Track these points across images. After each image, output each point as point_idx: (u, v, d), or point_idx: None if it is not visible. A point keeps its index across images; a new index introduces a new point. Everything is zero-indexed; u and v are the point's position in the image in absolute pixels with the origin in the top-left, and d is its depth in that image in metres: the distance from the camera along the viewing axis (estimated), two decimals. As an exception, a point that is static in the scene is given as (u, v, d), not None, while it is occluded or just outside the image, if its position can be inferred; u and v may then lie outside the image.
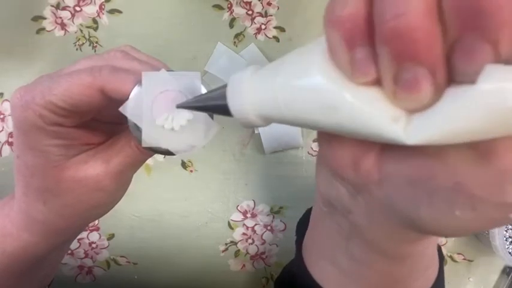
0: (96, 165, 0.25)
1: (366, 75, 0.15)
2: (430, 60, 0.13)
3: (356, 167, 0.19)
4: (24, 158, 0.25)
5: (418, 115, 0.14)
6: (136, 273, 0.54)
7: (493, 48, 0.12)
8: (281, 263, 0.55)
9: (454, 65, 0.13)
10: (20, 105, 0.23)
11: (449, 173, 0.15)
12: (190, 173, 0.54)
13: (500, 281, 0.56)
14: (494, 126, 0.12)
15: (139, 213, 0.53)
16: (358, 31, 0.14)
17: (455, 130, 0.13)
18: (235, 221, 0.54)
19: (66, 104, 0.23)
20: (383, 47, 0.13)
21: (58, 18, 0.51)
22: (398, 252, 0.23)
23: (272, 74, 0.17)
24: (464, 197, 0.14)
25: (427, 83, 0.13)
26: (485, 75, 0.12)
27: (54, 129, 0.24)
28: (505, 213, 0.14)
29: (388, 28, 0.13)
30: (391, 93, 0.14)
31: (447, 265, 0.56)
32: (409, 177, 0.16)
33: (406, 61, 0.13)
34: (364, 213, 0.21)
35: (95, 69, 0.23)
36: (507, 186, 0.14)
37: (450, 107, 0.13)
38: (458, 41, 0.13)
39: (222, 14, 0.53)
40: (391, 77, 0.14)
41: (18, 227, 0.27)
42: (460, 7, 0.12)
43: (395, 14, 0.12)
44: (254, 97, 0.18)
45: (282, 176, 0.54)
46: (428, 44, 0.13)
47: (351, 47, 0.14)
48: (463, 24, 0.12)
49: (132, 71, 0.24)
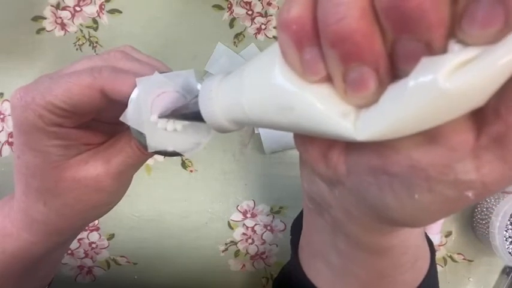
0: (96, 165, 0.25)
1: (316, 73, 0.15)
2: (373, 60, 0.14)
3: (325, 161, 0.19)
4: (25, 158, 0.25)
5: (365, 111, 0.15)
6: (136, 273, 0.54)
7: (426, 47, 0.13)
8: (281, 263, 0.55)
9: (397, 62, 0.14)
10: (20, 105, 0.23)
11: (403, 157, 0.15)
12: (190, 173, 0.54)
13: (500, 281, 0.56)
14: (433, 115, 0.13)
15: (139, 213, 0.53)
16: (305, 32, 0.15)
17: (396, 126, 0.14)
18: (235, 221, 0.54)
19: (66, 104, 0.23)
20: (329, 49, 0.14)
21: (58, 18, 0.51)
22: (376, 245, 0.23)
23: (236, 78, 0.18)
24: (419, 179, 0.15)
25: (373, 81, 0.14)
26: (417, 68, 0.13)
27: (54, 129, 0.24)
28: (460, 192, 0.15)
29: (331, 32, 0.14)
30: (341, 90, 0.15)
31: (447, 265, 0.56)
32: (370, 166, 0.17)
33: (351, 61, 0.14)
34: (340, 206, 0.21)
35: (95, 70, 0.23)
36: (456, 164, 0.14)
37: (389, 103, 0.14)
38: (396, 41, 0.14)
39: (222, 14, 0.53)
40: (340, 76, 0.15)
41: (18, 227, 0.27)
42: (391, 14, 0.13)
43: (336, 18, 0.13)
44: (222, 103, 0.19)
45: (282, 176, 0.54)
46: (369, 45, 0.14)
47: (299, 48, 0.15)
48: (396, 27, 0.13)
49: (132, 72, 0.24)
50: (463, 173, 0.14)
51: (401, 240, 0.24)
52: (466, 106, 0.12)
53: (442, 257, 0.56)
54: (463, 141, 0.14)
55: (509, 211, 0.49)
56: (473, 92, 0.12)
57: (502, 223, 0.49)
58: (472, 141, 0.14)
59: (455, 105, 0.12)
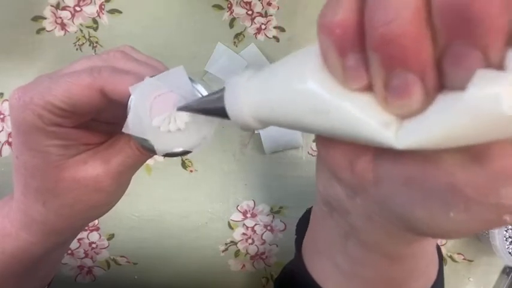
0: (95, 165, 0.25)
1: (358, 81, 0.15)
2: (420, 67, 0.13)
3: (352, 168, 0.19)
4: (24, 159, 0.25)
5: (409, 120, 0.14)
6: (136, 273, 0.54)
7: (482, 54, 0.12)
8: (281, 263, 0.55)
9: (445, 70, 0.13)
10: (19, 105, 0.23)
11: (443, 174, 0.15)
12: (190, 173, 0.54)
13: (500, 281, 0.56)
14: (485, 132, 0.12)
15: (139, 213, 0.53)
16: (350, 37, 0.14)
17: (445, 136, 0.13)
18: (235, 221, 0.54)
19: (66, 104, 0.23)
20: (373, 54, 0.14)
21: (58, 18, 0.51)
22: (397, 253, 0.23)
23: (267, 77, 0.18)
24: (458, 198, 0.15)
25: (417, 89, 0.13)
26: (475, 80, 0.12)
27: (53, 129, 0.24)
28: (498, 215, 0.14)
29: (378, 35, 0.13)
30: (382, 98, 0.14)
31: (447, 265, 0.56)
32: (403, 178, 0.16)
33: (396, 67, 0.13)
34: (361, 214, 0.21)
35: (95, 70, 0.23)
36: (500, 188, 0.14)
37: (441, 112, 0.13)
38: (448, 46, 0.13)
39: (222, 14, 0.53)
40: (382, 83, 0.14)
41: (17, 227, 0.27)
42: (449, 14, 0.12)
43: (385, 20, 0.12)
44: (250, 100, 0.18)
45: (282, 176, 0.54)
46: (418, 50, 0.13)
47: (343, 53, 0.14)
48: (452, 31, 0.12)
49: (132, 72, 0.24)
50: (506, 197, 0.14)
51: (422, 248, 0.23)
52: None
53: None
54: (510, 166, 0.13)
55: (509, 211, 0.49)
56: None
57: (502, 223, 0.49)
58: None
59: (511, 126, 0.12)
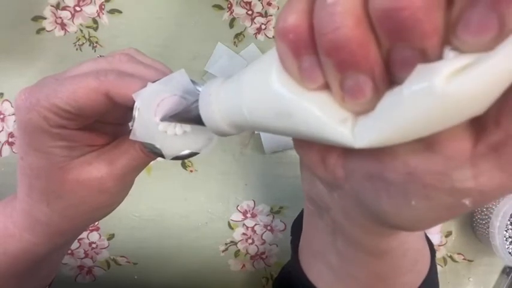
0: (100, 166, 0.26)
1: (314, 81, 0.15)
2: (369, 68, 0.14)
3: (324, 165, 0.19)
4: (28, 160, 0.25)
5: (363, 118, 0.15)
6: (136, 273, 0.54)
7: (421, 55, 0.13)
8: (281, 263, 0.55)
9: (392, 69, 0.14)
10: (25, 106, 0.23)
11: (400, 164, 0.16)
12: (190, 173, 0.54)
13: (500, 281, 0.57)
14: (428, 124, 0.13)
15: (139, 213, 0.53)
16: (303, 41, 0.15)
17: (395, 132, 0.14)
18: (235, 221, 0.54)
19: (71, 107, 0.23)
20: (325, 58, 0.14)
21: (58, 18, 0.51)
22: (376, 248, 0.23)
23: (236, 83, 0.18)
24: (416, 186, 0.15)
25: (368, 88, 0.14)
26: (411, 77, 0.13)
27: (58, 131, 0.24)
28: (457, 199, 0.14)
29: (326, 41, 0.14)
30: (338, 97, 0.15)
31: (447, 265, 0.56)
32: (367, 171, 0.17)
33: (347, 70, 0.14)
34: (340, 209, 0.22)
35: (101, 73, 0.23)
36: (453, 172, 0.14)
37: (386, 111, 0.14)
38: (391, 49, 0.14)
39: (222, 14, 0.53)
40: (337, 84, 0.15)
41: (20, 227, 0.27)
42: (385, 21, 0.13)
43: (331, 28, 0.13)
44: (221, 107, 0.19)
45: (282, 176, 0.54)
46: (365, 53, 0.14)
47: (297, 56, 0.15)
48: (391, 36, 0.13)
49: (138, 76, 0.24)
50: (460, 181, 0.14)
51: (401, 243, 0.24)
52: (463, 114, 0.12)
53: (442, 257, 0.56)
54: (460, 150, 0.14)
55: (509, 211, 0.49)
56: (471, 99, 0.12)
57: (502, 223, 0.49)
58: (469, 149, 0.14)
59: (452, 112, 0.12)
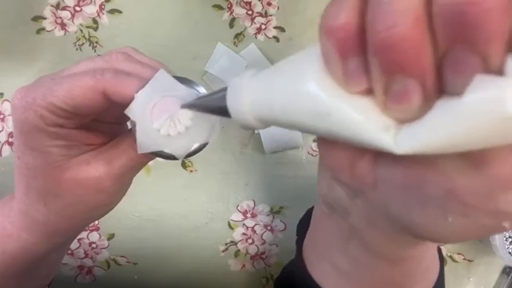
0: (98, 166, 0.25)
1: (359, 84, 0.15)
2: (420, 72, 0.13)
3: (352, 170, 0.19)
4: (25, 159, 0.25)
5: (409, 125, 0.14)
6: (136, 273, 0.54)
7: (482, 60, 0.12)
8: (281, 263, 0.55)
9: (445, 76, 0.13)
10: (21, 105, 0.23)
11: (442, 180, 0.15)
12: (190, 173, 0.54)
13: (500, 281, 0.56)
14: (485, 137, 0.12)
15: (139, 213, 0.53)
16: (351, 41, 0.14)
17: (444, 141, 0.13)
18: (235, 221, 0.54)
19: (68, 106, 0.23)
20: (374, 58, 0.14)
21: (58, 18, 0.51)
22: (396, 256, 0.23)
23: (269, 77, 0.18)
24: (456, 204, 0.15)
25: (417, 95, 0.13)
26: (474, 85, 0.12)
27: (55, 130, 0.24)
28: (497, 221, 0.14)
29: (379, 39, 0.13)
30: (381, 103, 0.15)
31: (447, 265, 0.56)
32: (402, 182, 0.16)
33: (396, 73, 0.13)
34: (362, 215, 0.21)
35: (98, 72, 0.23)
36: (499, 194, 0.14)
37: (440, 118, 0.13)
38: (448, 52, 0.13)
39: (222, 14, 0.53)
40: (382, 88, 0.14)
41: (18, 227, 0.27)
42: (449, 20, 0.12)
43: (386, 25, 0.13)
44: (252, 100, 0.18)
45: (282, 176, 0.54)
46: (418, 56, 0.13)
47: (344, 57, 0.14)
48: (452, 36, 0.12)
49: (134, 74, 0.24)
50: (505, 203, 0.14)
51: (421, 252, 0.23)
52: None
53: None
54: (510, 172, 0.13)
55: (509, 211, 0.49)
56: None
57: (502, 223, 0.49)
58: None
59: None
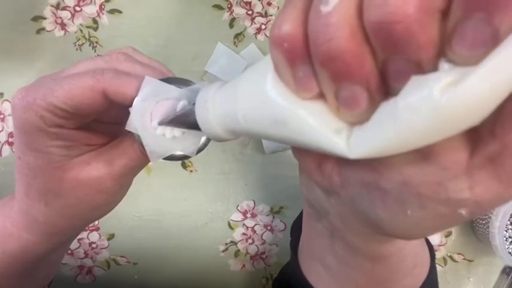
0: (98, 166, 0.25)
1: (309, 91, 0.15)
2: (363, 79, 0.14)
3: (320, 171, 0.19)
4: (26, 159, 0.25)
5: (358, 128, 0.15)
6: (136, 273, 0.54)
7: (416, 66, 0.13)
8: (281, 263, 0.55)
9: (388, 80, 0.14)
10: (21, 106, 0.23)
11: (396, 174, 0.15)
12: (190, 173, 0.54)
13: (500, 281, 0.56)
14: (423, 134, 0.13)
15: (139, 213, 0.53)
16: (297, 50, 0.14)
17: (389, 144, 0.13)
18: (235, 221, 0.54)
19: (68, 106, 0.23)
20: (320, 68, 0.14)
21: (58, 18, 0.51)
22: (374, 252, 0.23)
23: (231, 89, 0.18)
24: (412, 196, 0.15)
25: (363, 99, 0.14)
26: (407, 88, 0.12)
27: (55, 130, 0.24)
28: (453, 209, 0.14)
29: (321, 51, 0.14)
30: (334, 108, 0.15)
31: (447, 265, 0.56)
32: (362, 180, 0.17)
33: (342, 80, 0.14)
34: (337, 214, 0.22)
35: (98, 72, 0.23)
36: (449, 182, 0.14)
37: (381, 120, 0.14)
38: (386, 59, 0.13)
39: (222, 14, 0.53)
40: (332, 94, 0.15)
41: (18, 227, 0.27)
42: (379, 34, 0.13)
43: (325, 38, 0.13)
44: (218, 113, 0.19)
45: (282, 176, 0.54)
46: (360, 65, 0.13)
47: (292, 65, 0.15)
48: (385, 47, 0.13)
49: (135, 75, 0.24)
50: (456, 191, 0.14)
51: (399, 249, 0.24)
52: (460, 125, 0.12)
53: (442, 257, 0.56)
54: (456, 160, 0.14)
55: (509, 211, 0.49)
56: (467, 110, 0.12)
57: (502, 223, 0.49)
58: (465, 160, 0.14)
59: (448, 123, 0.12)
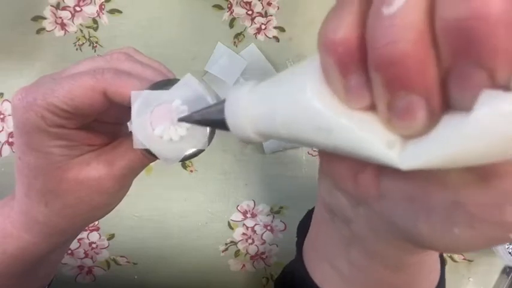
0: (99, 167, 0.25)
1: (361, 101, 0.14)
2: (424, 88, 0.13)
3: (355, 181, 0.18)
4: (26, 159, 0.25)
5: (414, 141, 0.14)
6: (137, 273, 0.54)
7: (488, 75, 0.11)
8: (281, 263, 0.55)
9: (450, 91, 0.13)
10: (22, 106, 0.23)
11: (448, 192, 0.15)
12: (190, 173, 0.54)
13: (500, 281, 0.56)
14: (492, 152, 0.12)
15: (139, 213, 0.53)
16: (352, 56, 0.13)
17: (450, 157, 0.13)
18: (235, 221, 0.54)
19: (68, 106, 0.23)
20: (376, 74, 0.13)
21: (58, 18, 0.51)
22: (398, 262, 0.23)
23: (269, 90, 0.17)
24: (462, 216, 0.15)
25: (422, 111, 0.13)
26: (480, 102, 0.11)
27: (55, 130, 0.24)
28: (503, 233, 0.14)
29: (380, 55, 0.12)
30: (385, 119, 0.14)
31: (447, 265, 0.56)
32: (407, 194, 0.16)
33: (399, 89, 0.13)
34: (364, 223, 0.21)
35: (98, 72, 0.23)
36: (507, 207, 0.14)
37: (446, 134, 0.13)
38: (453, 67, 0.12)
39: (222, 14, 0.53)
40: (385, 104, 0.14)
41: (18, 227, 0.27)
42: (454, 35, 0.11)
43: (387, 41, 0.12)
44: (251, 114, 0.18)
45: (282, 176, 0.54)
46: (422, 72, 0.12)
47: (345, 73, 0.14)
48: (457, 51, 0.12)
49: (135, 75, 0.24)
50: (511, 215, 0.13)
51: (424, 259, 0.23)
52: None
53: (442, 257, 0.56)
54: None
55: (509, 211, 0.49)
56: None
57: (502, 223, 0.49)
58: None
59: None
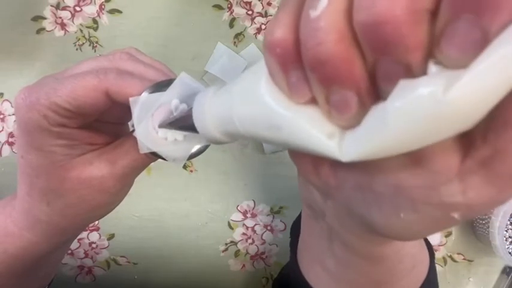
0: (101, 166, 0.25)
1: (302, 95, 0.15)
2: (352, 82, 0.14)
3: (317, 173, 0.19)
4: (29, 158, 0.25)
5: (350, 131, 0.15)
6: (136, 273, 0.54)
7: (405, 68, 0.13)
8: (281, 263, 0.55)
9: (379, 84, 0.14)
10: (25, 105, 0.23)
11: (389, 178, 0.16)
12: (190, 173, 0.54)
13: (500, 281, 0.57)
14: (414, 138, 0.13)
15: (139, 213, 0.53)
16: (289, 56, 0.15)
17: (379, 146, 0.13)
18: (235, 221, 0.54)
19: (71, 105, 0.23)
20: (310, 72, 0.14)
21: (58, 18, 0.51)
22: (371, 253, 0.23)
23: (227, 93, 0.18)
24: (404, 199, 0.15)
25: (354, 104, 0.14)
26: (396, 91, 0.12)
27: (58, 129, 0.24)
28: (445, 213, 0.14)
29: (311, 56, 0.14)
30: (325, 112, 0.15)
31: (447, 265, 0.56)
32: (357, 183, 0.17)
33: (332, 85, 0.14)
34: (333, 215, 0.22)
35: (101, 72, 0.23)
36: (441, 187, 0.14)
37: (371, 124, 0.14)
38: (376, 62, 0.13)
39: (222, 14, 0.53)
40: (323, 98, 0.15)
41: (20, 226, 0.27)
42: (368, 36, 0.12)
43: (315, 42, 0.13)
44: (214, 116, 0.19)
45: (282, 176, 0.54)
46: (349, 69, 0.13)
47: (285, 70, 0.15)
48: (375, 50, 0.13)
49: (137, 75, 0.24)
50: (448, 196, 0.14)
51: (396, 250, 0.24)
52: (451, 128, 0.12)
53: (442, 257, 0.56)
54: (448, 165, 0.14)
55: (509, 211, 0.49)
56: (457, 115, 0.11)
57: (502, 223, 0.49)
58: (457, 164, 0.14)
59: (440, 127, 0.12)
